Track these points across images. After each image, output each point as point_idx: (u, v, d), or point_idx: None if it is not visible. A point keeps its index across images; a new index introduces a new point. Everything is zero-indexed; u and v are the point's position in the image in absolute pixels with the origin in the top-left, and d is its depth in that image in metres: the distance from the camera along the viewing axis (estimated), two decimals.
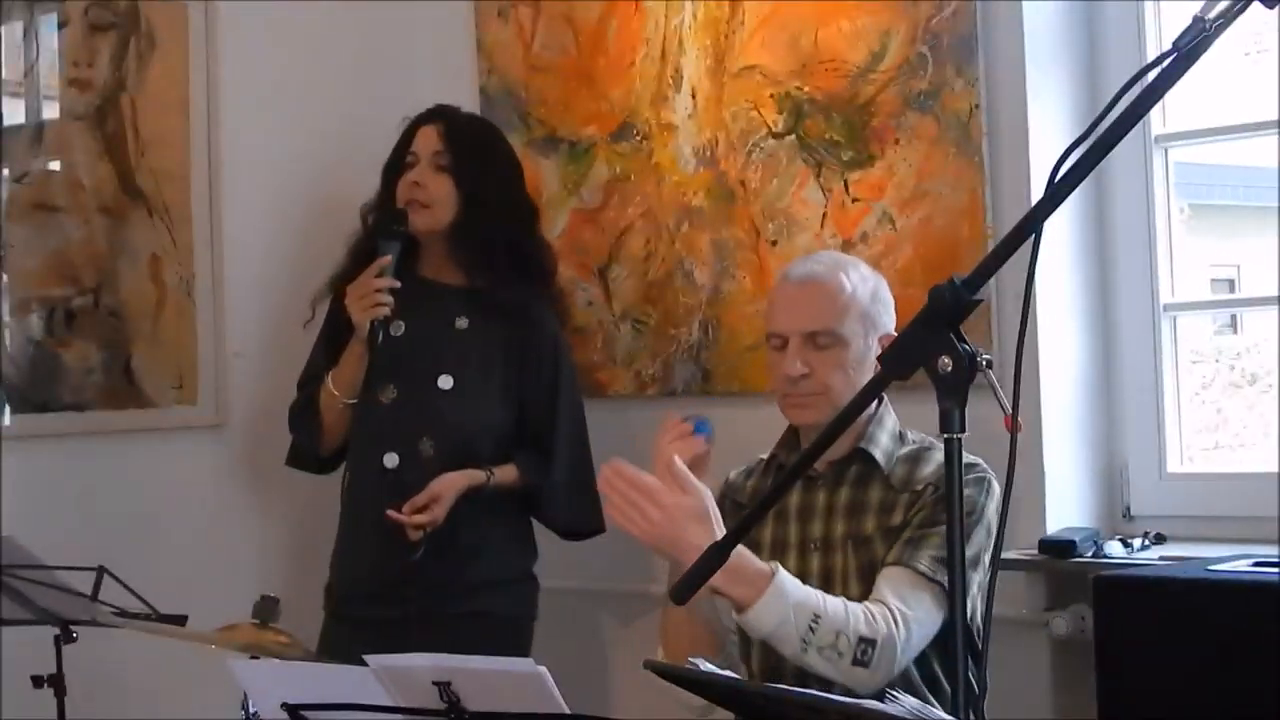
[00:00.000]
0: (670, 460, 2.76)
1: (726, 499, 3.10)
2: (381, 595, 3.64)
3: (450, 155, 3.69)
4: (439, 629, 3.48)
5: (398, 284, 3.61)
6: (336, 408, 3.68)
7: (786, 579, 2.71)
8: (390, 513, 3.57)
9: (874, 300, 2.99)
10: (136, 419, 4.01)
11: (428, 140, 3.72)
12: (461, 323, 3.71)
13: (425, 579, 3.59)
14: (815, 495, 2.97)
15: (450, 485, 3.58)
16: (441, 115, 3.76)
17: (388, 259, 3.63)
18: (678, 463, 2.75)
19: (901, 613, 2.75)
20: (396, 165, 3.75)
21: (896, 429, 3.01)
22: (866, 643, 2.71)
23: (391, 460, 3.65)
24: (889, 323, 3.01)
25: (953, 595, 1.95)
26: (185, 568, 3.97)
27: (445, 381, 3.66)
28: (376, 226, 3.72)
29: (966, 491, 2.82)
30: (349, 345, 3.65)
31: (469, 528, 3.64)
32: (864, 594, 2.85)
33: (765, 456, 3.13)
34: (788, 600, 2.69)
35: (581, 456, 3.76)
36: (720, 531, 2.70)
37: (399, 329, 3.65)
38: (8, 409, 3.78)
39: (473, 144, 3.73)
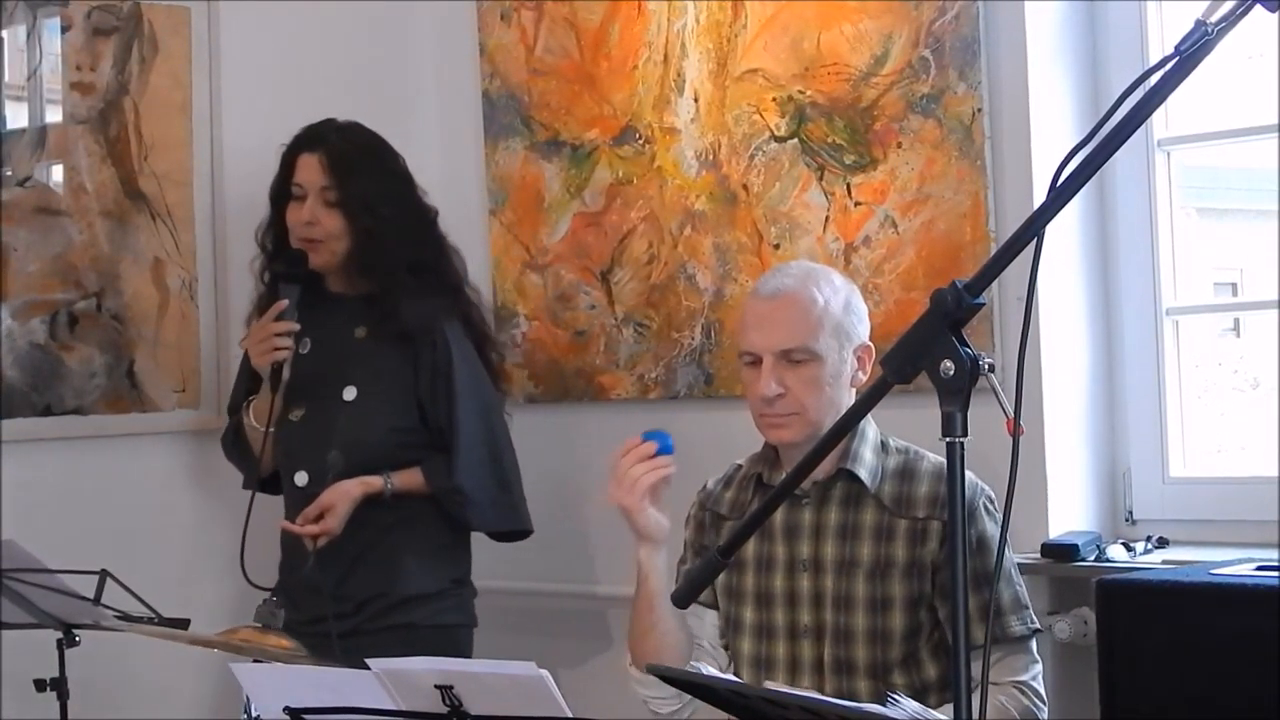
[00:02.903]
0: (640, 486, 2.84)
1: (706, 510, 3.09)
2: (302, 611, 3.57)
3: (337, 189, 3.65)
4: (367, 644, 3.40)
5: (297, 327, 3.61)
6: (258, 435, 3.68)
7: None
8: (284, 524, 3.60)
9: (847, 311, 2.94)
10: (139, 422, 4.01)
11: (311, 172, 3.67)
12: (360, 331, 3.71)
13: (345, 596, 3.58)
14: (800, 514, 2.93)
15: (343, 495, 3.57)
16: (320, 141, 3.69)
17: (285, 303, 3.62)
18: None
19: (1020, 684, 2.79)
20: (283, 193, 3.71)
21: (878, 439, 2.96)
22: None
23: (302, 478, 3.66)
24: (863, 332, 2.98)
25: (954, 596, 1.95)
26: (188, 571, 3.98)
27: (349, 393, 3.67)
28: (275, 270, 3.72)
29: (985, 528, 2.82)
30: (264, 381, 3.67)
31: (387, 542, 3.64)
32: (870, 627, 2.84)
33: (740, 463, 3.11)
34: None
35: (494, 458, 3.73)
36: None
37: (306, 346, 3.67)
38: None
39: (358, 170, 3.67)
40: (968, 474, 2.72)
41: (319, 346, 3.69)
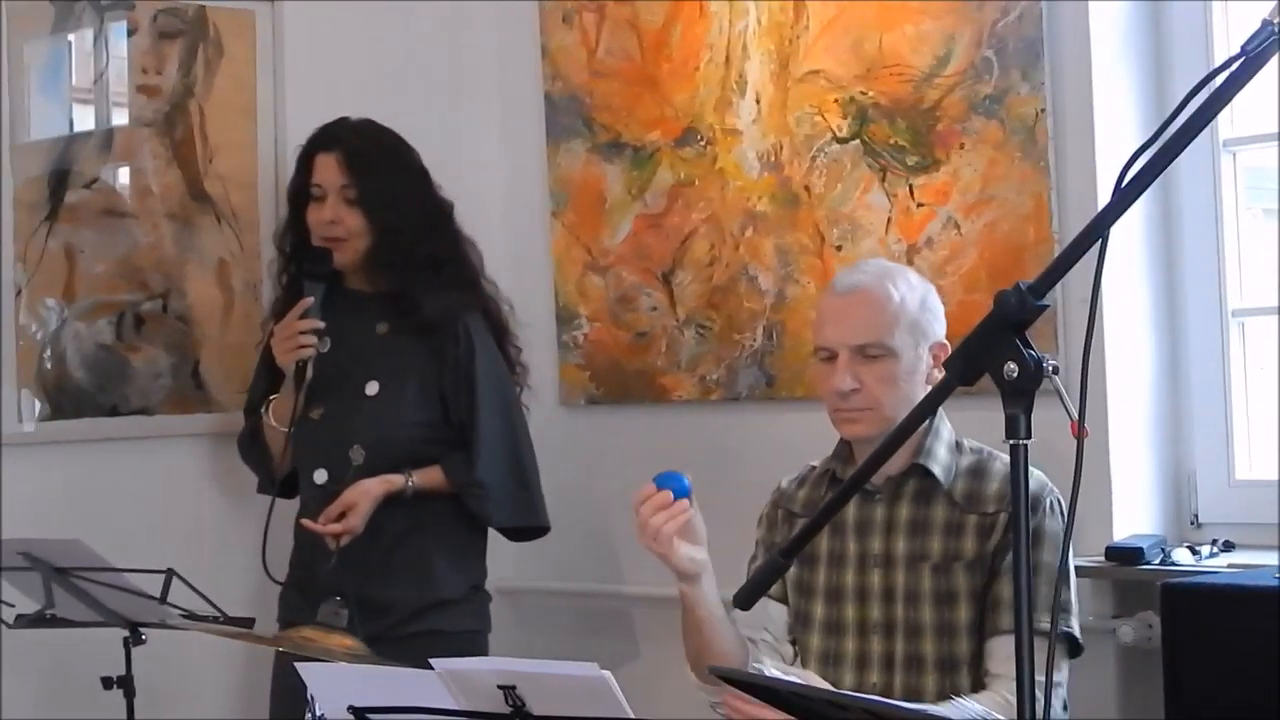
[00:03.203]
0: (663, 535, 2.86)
1: (779, 508, 3.10)
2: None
3: (357, 187, 3.65)
4: (395, 651, 3.32)
5: (321, 324, 3.61)
6: (278, 436, 3.68)
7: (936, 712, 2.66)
8: (304, 521, 3.57)
9: (923, 309, 2.96)
10: (204, 423, 4.04)
11: (330, 171, 3.67)
12: (382, 327, 3.71)
13: (371, 600, 3.51)
14: (873, 510, 2.94)
15: (365, 493, 3.56)
16: (336, 140, 3.70)
17: (310, 301, 3.62)
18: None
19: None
20: (303, 194, 3.72)
21: (953, 438, 2.97)
22: None
23: (321, 476, 3.65)
24: (939, 330, 2.98)
25: (1018, 603, 1.94)
26: (252, 570, 3.99)
27: (372, 388, 3.67)
28: (301, 267, 3.70)
29: (1048, 526, 2.80)
30: (285, 381, 3.67)
31: (410, 548, 3.64)
32: (938, 621, 2.83)
33: (815, 463, 3.11)
34: None
35: (514, 454, 3.74)
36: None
37: (326, 345, 3.65)
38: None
39: (376, 167, 3.68)
40: (1037, 472, 2.75)
41: (340, 344, 3.68)
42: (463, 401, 3.68)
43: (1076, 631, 2.83)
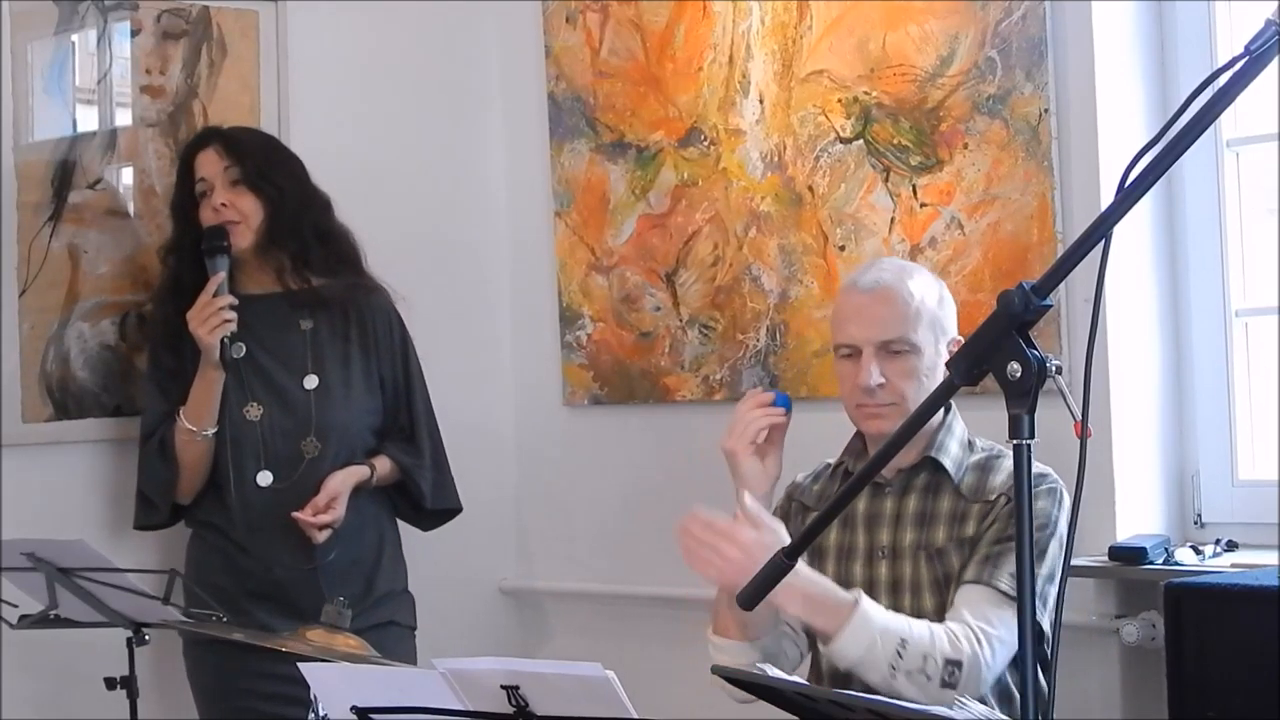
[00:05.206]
0: (745, 495, 2.85)
1: (793, 501, 3.12)
2: (295, 613, 3.48)
3: (241, 168, 3.65)
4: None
5: (235, 300, 3.57)
6: (196, 444, 3.60)
7: (870, 607, 2.73)
8: (296, 514, 3.53)
9: (940, 305, 2.98)
10: None
11: (211, 162, 3.66)
12: (306, 323, 3.70)
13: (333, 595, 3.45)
14: (883, 503, 2.96)
15: (343, 483, 3.59)
16: (215, 135, 3.71)
17: (221, 276, 3.58)
18: (750, 502, 2.82)
19: (984, 631, 2.76)
20: (188, 200, 3.69)
21: (965, 436, 2.99)
22: (953, 664, 2.71)
23: (266, 478, 3.60)
24: (953, 328, 3.01)
25: (1021, 602, 1.94)
26: None
27: (311, 381, 3.66)
28: (201, 246, 3.64)
29: (1038, 504, 2.83)
30: (198, 374, 3.60)
31: (363, 543, 3.66)
32: (938, 606, 2.85)
33: (832, 461, 3.13)
34: (873, 628, 2.71)
35: (437, 435, 3.79)
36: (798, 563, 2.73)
37: (240, 351, 3.59)
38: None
39: (254, 148, 3.70)
40: (1039, 465, 2.76)
41: (259, 346, 3.64)
42: (401, 386, 3.74)
43: (1044, 624, 2.81)
